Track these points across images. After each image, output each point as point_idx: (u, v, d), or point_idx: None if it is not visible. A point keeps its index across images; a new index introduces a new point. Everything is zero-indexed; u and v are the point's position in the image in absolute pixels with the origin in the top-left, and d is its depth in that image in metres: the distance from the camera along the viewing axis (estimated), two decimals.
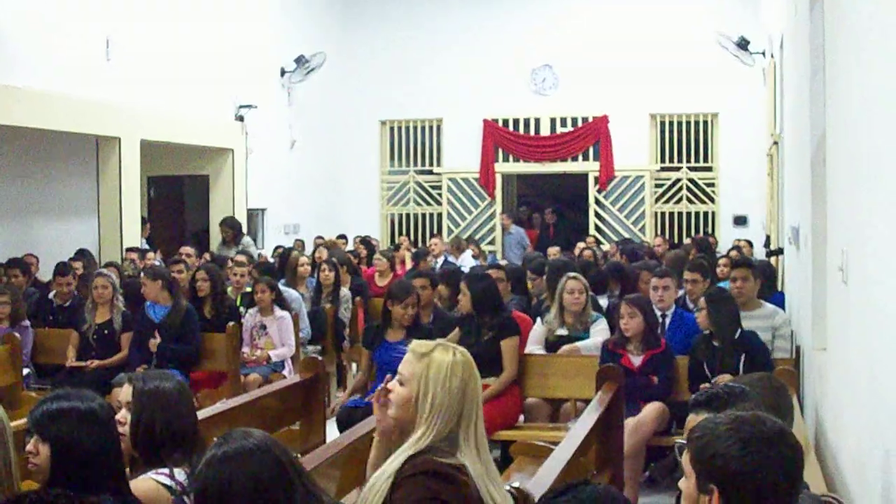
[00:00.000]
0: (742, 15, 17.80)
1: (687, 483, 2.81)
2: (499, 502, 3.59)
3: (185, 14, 14.54)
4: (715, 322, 7.53)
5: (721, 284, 9.04)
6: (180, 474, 3.77)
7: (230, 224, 14.85)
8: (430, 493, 3.44)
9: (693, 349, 7.76)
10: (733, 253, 13.06)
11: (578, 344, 8.40)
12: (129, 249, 12.81)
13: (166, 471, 3.77)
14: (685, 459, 2.82)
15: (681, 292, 9.41)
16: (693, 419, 3.43)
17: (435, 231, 19.93)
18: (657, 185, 19.61)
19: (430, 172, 20.67)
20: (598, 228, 19.52)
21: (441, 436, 3.55)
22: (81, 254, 12.10)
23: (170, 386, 3.96)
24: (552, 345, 8.51)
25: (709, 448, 2.73)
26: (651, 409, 7.53)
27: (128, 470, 3.76)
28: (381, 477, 3.54)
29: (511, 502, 3.72)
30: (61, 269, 10.49)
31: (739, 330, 7.55)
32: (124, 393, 3.98)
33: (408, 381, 3.64)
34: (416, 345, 3.74)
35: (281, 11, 18.02)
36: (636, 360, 7.76)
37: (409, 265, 14.25)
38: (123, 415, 3.92)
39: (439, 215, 20.55)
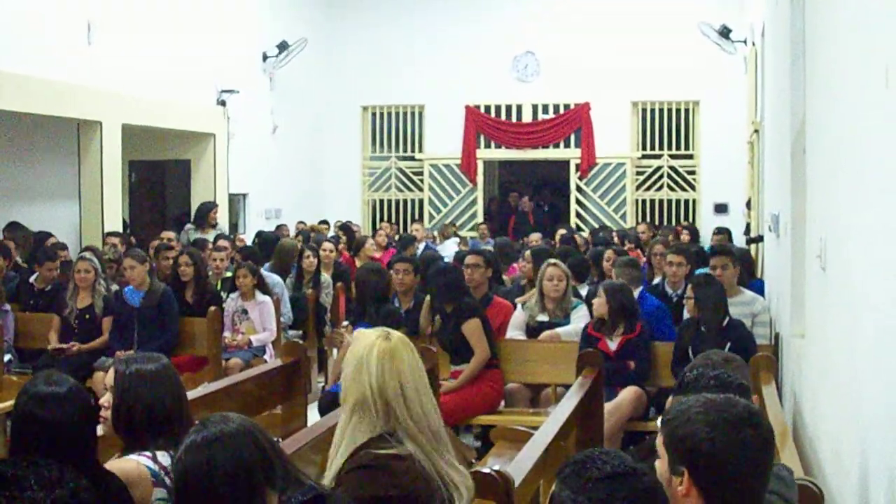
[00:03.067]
0: (724, 3, 17.80)
1: (660, 464, 2.84)
2: (456, 481, 3.65)
3: None
4: (702, 308, 7.57)
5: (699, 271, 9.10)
6: (164, 458, 3.77)
7: (209, 208, 14.80)
8: (361, 489, 3.49)
9: (679, 333, 7.81)
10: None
11: (559, 330, 8.45)
12: (110, 234, 12.75)
13: (149, 454, 3.77)
14: (659, 441, 2.85)
15: (657, 280, 9.49)
16: (673, 401, 3.46)
17: (416, 217, 19.96)
18: (638, 173, 19.65)
19: (412, 158, 20.67)
20: (579, 215, 19.57)
21: (373, 425, 3.61)
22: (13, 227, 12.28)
23: (152, 368, 3.93)
24: (533, 331, 8.57)
25: (679, 430, 2.76)
26: (627, 393, 7.58)
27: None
28: (330, 473, 3.63)
29: (470, 482, 3.75)
30: (49, 254, 10.47)
31: (728, 318, 7.60)
32: (109, 377, 3.97)
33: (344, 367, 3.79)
34: (354, 334, 3.86)
35: None
36: (612, 345, 7.82)
37: (377, 254, 14.21)
38: (107, 398, 3.92)
39: (421, 201, 20.55)
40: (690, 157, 19.54)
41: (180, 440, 3.76)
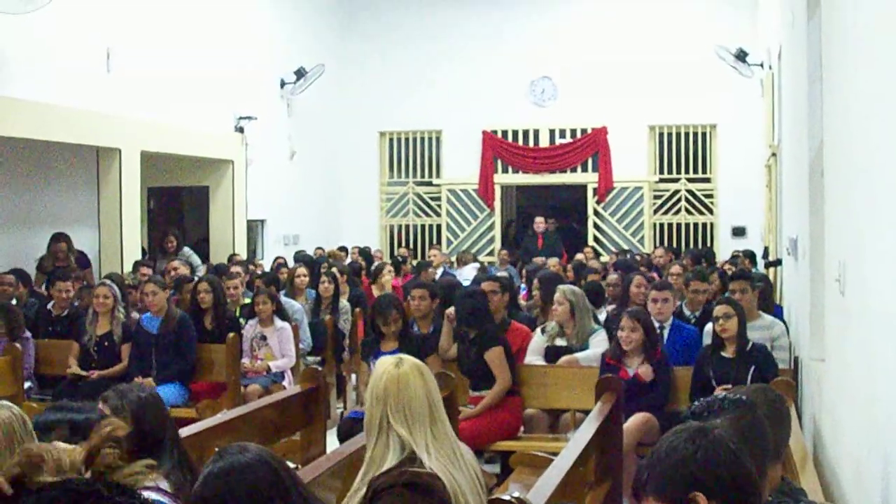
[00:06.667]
0: (740, 26, 17.85)
1: None
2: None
3: (185, 26, 14.58)
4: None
5: None
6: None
7: (175, 234, 14.82)
8: None
9: (698, 362, 7.77)
10: (727, 266, 13.16)
11: (578, 355, 8.43)
12: (139, 263, 12.64)
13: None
14: None
15: (678, 303, 9.49)
16: None
17: (434, 242, 19.96)
18: (656, 197, 19.63)
19: (430, 184, 20.70)
20: (597, 240, 19.55)
21: (396, 449, 3.69)
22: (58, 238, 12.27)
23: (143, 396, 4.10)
24: (552, 355, 8.56)
25: (665, 467, 2.78)
26: (634, 420, 7.50)
27: None
28: (355, 498, 3.67)
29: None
30: (61, 276, 10.49)
31: (750, 343, 7.58)
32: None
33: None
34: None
35: (280, 23, 18.08)
36: (632, 372, 7.79)
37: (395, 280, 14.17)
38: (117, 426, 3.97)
39: (439, 226, 20.57)
40: (708, 180, 19.52)
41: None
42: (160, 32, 13.90)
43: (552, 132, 19.97)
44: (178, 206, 17.60)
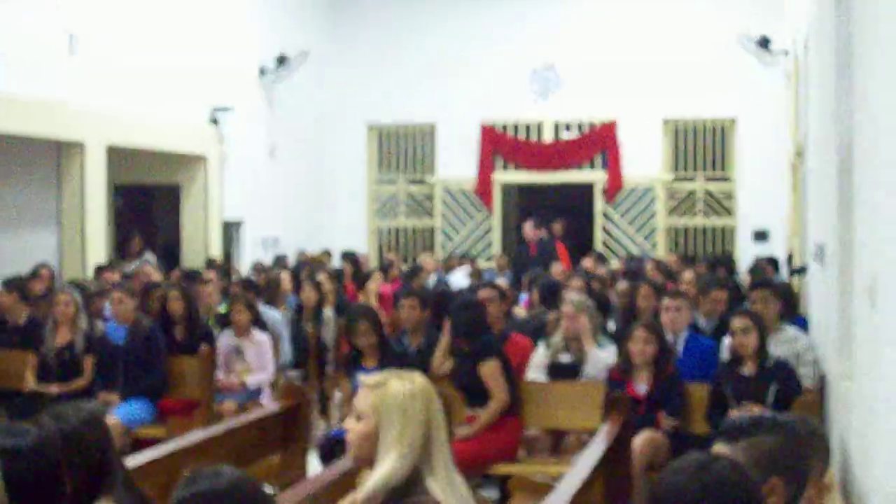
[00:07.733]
0: (763, 11, 17.81)
1: None
2: None
3: (155, 8, 14.55)
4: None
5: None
6: None
7: (141, 236, 14.85)
8: None
9: (716, 379, 7.73)
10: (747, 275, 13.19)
11: (590, 350, 8.41)
12: (101, 268, 12.65)
13: None
14: None
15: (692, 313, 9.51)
16: (717, 450, 3.46)
17: (427, 246, 19.95)
18: (670, 197, 19.62)
19: (423, 182, 20.69)
20: (605, 244, 19.53)
21: (407, 470, 3.63)
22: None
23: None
24: (555, 372, 8.54)
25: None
26: (639, 439, 7.45)
27: None
28: None
29: None
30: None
31: (772, 359, 7.54)
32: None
33: (365, 416, 3.72)
34: (367, 378, 3.83)
35: (260, 6, 18.04)
36: (641, 389, 7.76)
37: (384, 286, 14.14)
38: None
39: (432, 229, 20.57)
40: (727, 179, 19.50)
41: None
42: (128, 15, 13.88)
43: (557, 126, 19.95)
44: (147, 205, 17.58)
